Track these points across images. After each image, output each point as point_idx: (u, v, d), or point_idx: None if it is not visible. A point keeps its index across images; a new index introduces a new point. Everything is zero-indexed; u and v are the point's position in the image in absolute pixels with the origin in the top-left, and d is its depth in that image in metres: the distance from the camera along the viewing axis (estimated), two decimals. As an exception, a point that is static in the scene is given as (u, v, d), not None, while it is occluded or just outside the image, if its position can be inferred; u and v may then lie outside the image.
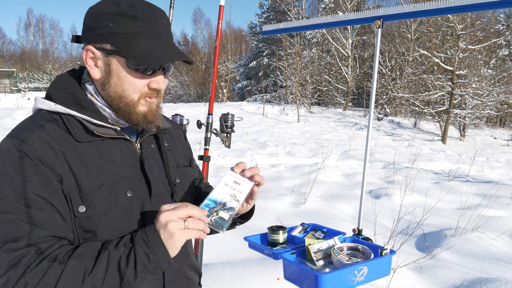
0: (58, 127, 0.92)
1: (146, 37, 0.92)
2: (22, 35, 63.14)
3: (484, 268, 3.55)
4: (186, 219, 0.86)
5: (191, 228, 0.86)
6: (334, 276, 1.15)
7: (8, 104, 19.97)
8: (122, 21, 0.90)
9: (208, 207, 0.97)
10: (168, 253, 0.85)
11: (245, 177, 1.05)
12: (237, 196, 1.03)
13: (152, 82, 0.95)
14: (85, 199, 0.90)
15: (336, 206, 5.20)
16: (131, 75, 0.93)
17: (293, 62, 25.53)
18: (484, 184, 7.31)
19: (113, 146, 0.97)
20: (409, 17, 2.29)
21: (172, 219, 0.84)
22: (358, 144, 12.78)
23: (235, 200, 1.02)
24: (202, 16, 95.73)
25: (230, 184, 1.04)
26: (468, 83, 18.70)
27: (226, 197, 1.01)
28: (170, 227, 0.84)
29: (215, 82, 2.60)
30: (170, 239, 0.84)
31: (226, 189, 1.02)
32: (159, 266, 0.85)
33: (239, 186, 1.04)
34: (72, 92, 0.96)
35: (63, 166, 0.88)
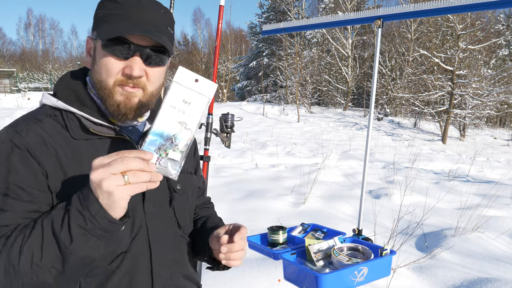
0: (57, 122, 0.92)
1: (123, 19, 0.89)
2: (22, 35, 63.20)
3: (484, 268, 3.55)
4: (125, 173, 0.72)
5: (134, 182, 0.73)
6: (334, 277, 1.15)
7: (8, 104, 19.97)
8: (106, 6, 0.92)
9: (154, 145, 0.77)
10: (104, 210, 0.74)
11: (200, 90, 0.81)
12: (188, 123, 0.80)
13: (126, 67, 0.90)
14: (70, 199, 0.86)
15: (336, 206, 5.20)
16: (106, 57, 0.90)
17: (293, 62, 25.53)
18: (484, 184, 7.31)
19: (111, 146, 0.95)
20: (409, 17, 2.29)
21: (105, 176, 0.72)
22: (358, 144, 12.78)
23: (186, 129, 0.80)
24: (202, 16, 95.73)
25: (178, 105, 0.79)
26: (468, 83, 18.70)
27: (175, 126, 0.78)
28: (105, 186, 0.71)
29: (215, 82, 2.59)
30: (108, 198, 0.73)
31: (173, 114, 0.78)
32: (97, 224, 0.75)
33: (189, 106, 0.80)
34: (75, 89, 0.96)
35: (52, 162, 0.87)
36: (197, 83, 0.80)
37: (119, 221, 0.78)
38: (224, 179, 6.58)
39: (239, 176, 6.92)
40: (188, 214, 1.13)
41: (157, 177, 0.76)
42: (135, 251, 0.95)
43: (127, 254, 0.94)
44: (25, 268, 0.77)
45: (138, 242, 0.96)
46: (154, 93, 0.96)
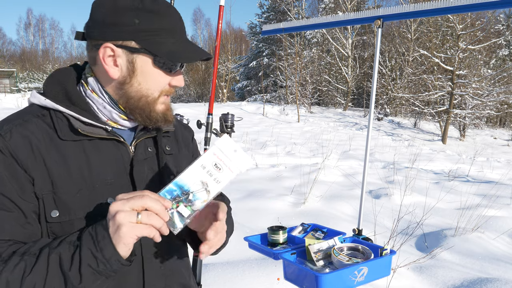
0: (44, 123, 0.86)
1: (170, 34, 0.89)
2: (22, 35, 63.22)
3: (484, 268, 3.55)
4: (140, 211, 0.73)
5: (145, 223, 0.73)
6: (334, 277, 1.15)
7: (8, 104, 19.97)
8: (147, 17, 0.86)
9: (171, 195, 0.77)
10: (116, 250, 0.73)
11: (233, 161, 0.82)
12: (210, 186, 0.80)
13: (173, 80, 0.93)
14: (60, 203, 0.83)
15: (336, 206, 5.20)
16: (156, 73, 0.89)
17: (293, 62, 25.54)
18: (484, 184, 7.31)
19: (102, 148, 0.89)
20: (409, 17, 2.29)
21: (123, 209, 0.72)
22: (358, 144, 12.78)
23: (206, 191, 0.80)
24: (202, 16, 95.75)
25: (208, 166, 0.80)
26: (468, 83, 18.71)
27: (197, 184, 0.79)
28: (118, 217, 0.71)
29: (215, 82, 2.59)
30: (116, 232, 0.72)
31: (200, 173, 0.79)
32: (109, 267, 0.74)
33: (219, 172, 0.81)
34: (65, 87, 0.90)
35: (39, 166, 0.82)
36: (235, 153, 0.82)
37: (127, 261, 0.77)
38: (224, 179, 6.57)
39: (239, 176, 6.91)
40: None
41: (166, 230, 0.76)
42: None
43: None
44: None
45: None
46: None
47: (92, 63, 0.92)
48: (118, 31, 0.86)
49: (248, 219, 4.44)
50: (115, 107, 0.92)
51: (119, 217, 0.71)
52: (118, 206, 0.73)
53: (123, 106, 0.92)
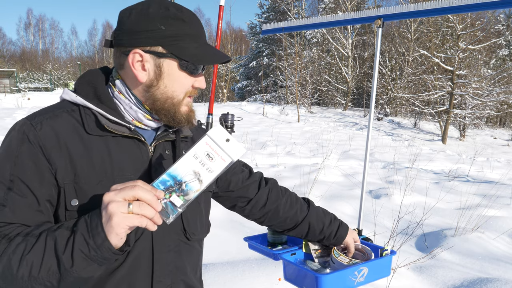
0: (73, 117, 0.93)
1: (193, 39, 0.95)
2: (22, 35, 63.21)
3: (484, 268, 3.54)
4: (132, 202, 0.74)
5: (136, 213, 0.74)
6: (335, 277, 1.15)
7: (8, 104, 19.97)
8: (173, 24, 0.92)
9: (164, 185, 0.78)
10: (107, 238, 0.75)
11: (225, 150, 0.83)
12: (203, 176, 0.81)
13: (196, 82, 0.99)
14: (80, 193, 0.88)
15: (336, 206, 5.20)
16: (182, 75, 0.96)
17: (293, 62, 25.54)
18: (484, 184, 7.31)
19: (124, 145, 0.95)
20: (409, 17, 2.29)
21: (115, 199, 0.74)
22: (358, 144, 12.78)
23: (198, 181, 0.80)
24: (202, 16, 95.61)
25: (200, 156, 0.81)
26: (468, 83, 18.71)
27: (189, 173, 0.80)
28: (110, 208, 0.74)
29: (215, 82, 2.59)
30: (108, 222, 0.74)
31: (192, 163, 0.80)
32: (100, 254, 0.76)
33: (212, 162, 0.81)
34: (95, 87, 0.97)
35: (63, 158, 0.88)
36: (227, 143, 0.82)
37: (119, 251, 0.79)
38: (224, 179, 6.58)
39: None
40: (200, 219, 1.10)
41: (159, 220, 0.77)
42: (137, 253, 0.94)
43: (129, 255, 0.93)
44: (23, 277, 0.77)
45: (141, 244, 0.95)
46: None
47: (119, 68, 0.98)
48: (146, 38, 0.92)
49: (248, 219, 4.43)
50: (141, 108, 0.98)
51: (111, 207, 0.74)
52: (111, 196, 0.75)
53: (149, 107, 0.97)
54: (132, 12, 0.93)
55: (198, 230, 1.08)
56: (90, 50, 62.82)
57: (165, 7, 0.93)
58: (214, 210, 5.16)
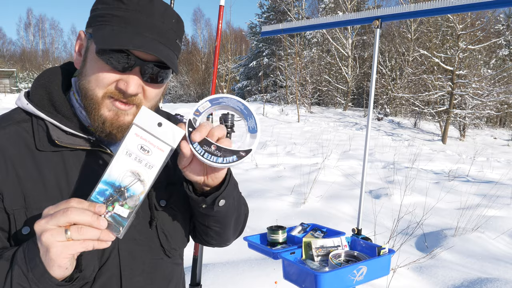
0: (24, 130, 0.79)
1: (121, 22, 0.76)
2: (22, 35, 63.21)
3: (484, 268, 3.55)
4: (68, 227, 0.62)
5: (76, 239, 0.62)
6: (334, 276, 1.15)
7: (8, 104, 19.97)
8: (109, 3, 0.77)
9: (104, 196, 0.65)
10: (46, 271, 0.64)
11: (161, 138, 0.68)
12: (143, 175, 0.67)
13: (121, 81, 0.76)
14: (32, 220, 0.73)
15: (336, 206, 5.20)
16: (98, 64, 0.76)
17: (293, 62, 25.55)
18: (484, 184, 7.31)
19: (84, 159, 0.81)
20: (408, 17, 2.29)
21: (47, 228, 0.61)
22: (358, 144, 12.78)
23: (140, 182, 0.67)
24: (202, 16, 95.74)
25: (134, 152, 0.67)
26: (468, 83, 18.71)
27: (127, 176, 0.67)
28: (44, 239, 0.61)
29: (215, 82, 2.60)
30: (47, 254, 0.62)
31: (127, 162, 0.67)
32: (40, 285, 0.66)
33: (148, 155, 0.67)
34: (50, 91, 0.82)
35: (10, 180, 0.75)
36: (161, 127, 0.68)
37: (67, 282, 0.68)
38: (224, 179, 6.58)
39: (239, 176, 6.92)
40: (181, 231, 0.94)
41: (108, 237, 0.64)
42: (103, 280, 0.81)
43: (94, 284, 0.80)
44: None
45: (108, 270, 0.81)
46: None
47: None
48: (89, 17, 0.81)
49: (248, 219, 4.44)
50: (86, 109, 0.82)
51: (45, 239, 0.61)
52: (42, 225, 0.62)
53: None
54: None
55: (179, 244, 0.94)
56: (90, 50, 62.58)
57: None
58: (214, 210, 5.04)
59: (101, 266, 0.81)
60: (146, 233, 0.87)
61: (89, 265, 0.79)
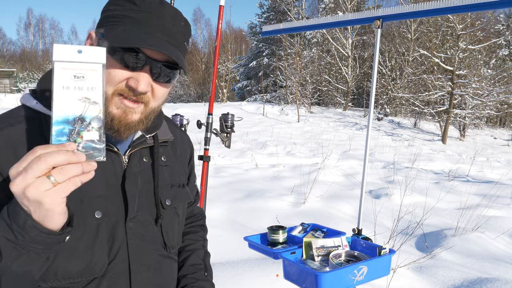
0: (33, 128, 0.80)
1: (134, 23, 0.79)
2: (22, 35, 63.17)
3: (484, 268, 3.55)
4: (48, 173, 0.61)
5: (63, 180, 0.61)
6: (334, 275, 1.15)
7: (8, 104, 19.97)
8: (121, 4, 0.80)
9: (64, 135, 0.65)
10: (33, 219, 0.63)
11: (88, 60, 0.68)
12: (91, 97, 0.68)
13: (131, 79, 0.79)
14: None
15: (336, 206, 5.20)
16: (110, 63, 0.78)
17: (293, 62, 25.55)
18: (484, 184, 7.31)
19: None
20: (409, 17, 2.29)
21: (27, 183, 0.60)
22: (358, 144, 12.78)
23: (92, 104, 0.67)
24: (202, 16, 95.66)
25: (70, 84, 0.67)
26: (468, 83, 18.71)
27: (77, 105, 0.66)
28: (30, 194, 0.60)
29: (215, 82, 2.60)
30: (39, 209, 0.62)
31: (69, 95, 0.66)
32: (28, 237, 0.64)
33: (85, 80, 0.68)
34: None
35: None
36: (82, 53, 0.68)
37: (59, 231, 0.67)
38: (224, 179, 6.59)
39: (239, 176, 6.92)
40: (178, 231, 1.01)
41: (89, 166, 0.64)
42: (112, 276, 0.84)
43: (103, 279, 0.83)
44: None
45: (117, 265, 0.85)
46: (156, 110, 0.87)
47: None
48: (100, 18, 0.84)
49: (248, 219, 4.44)
50: None
51: (31, 193, 0.60)
52: (19, 182, 0.60)
53: None
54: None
55: (175, 242, 1.00)
56: (90, 50, 62.65)
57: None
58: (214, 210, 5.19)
59: (110, 261, 0.84)
60: (152, 230, 0.92)
61: (99, 261, 0.81)
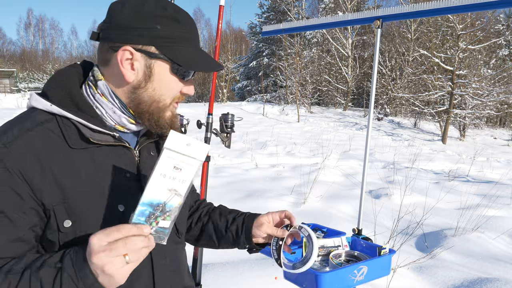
0: (50, 131, 0.83)
1: (188, 43, 0.91)
2: (22, 35, 63.19)
3: (484, 268, 3.55)
4: (126, 254, 0.71)
5: (134, 261, 0.72)
6: (334, 276, 1.15)
7: (8, 104, 19.98)
8: (168, 24, 0.87)
9: (144, 216, 0.74)
10: (100, 284, 0.72)
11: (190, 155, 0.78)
12: (179, 189, 0.77)
13: (185, 88, 0.95)
14: (71, 213, 0.82)
15: (336, 206, 5.20)
16: (172, 79, 0.91)
17: (293, 62, 25.54)
18: (484, 184, 7.31)
19: (110, 154, 0.89)
20: (409, 17, 2.29)
21: (109, 260, 0.70)
22: (358, 144, 12.78)
23: (176, 195, 0.77)
24: (202, 16, 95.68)
25: (168, 173, 0.76)
26: (468, 83, 18.70)
27: (164, 193, 0.76)
28: (107, 270, 0.69)
29: (215, 82, 2.60)
30: (109, 281, 0.71)
31: (163, 182, 0.75)
32: None
33: (181, 172, 0.77)
34: (71, 92, 0.87)
35: (48, 178, 0.80)
36: (189, 147, 0.77)
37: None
38: (224, 179, 6.59)
39: (239, 176, 6.92)
40: (185, 218, 1.11)
41: (152, 245, 0.75)
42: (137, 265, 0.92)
43: None
44: None
45: None
46: None
47: (104, 64, 0.90)
48: (139, 35, 0.85)
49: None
50: (126, 112, 0.92)
51: (108, 269, 0.69)
52: (103, 258, 0.69)
53: (133, 109, 0.92)
54: (125, 6, 0.86)
55: (184, 228, 1.10)
56: (90, 50, 62.87)
57: (162, 6, 0.87)
58: (214, 210, 5.00)
59: None
60: None
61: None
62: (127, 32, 0.85)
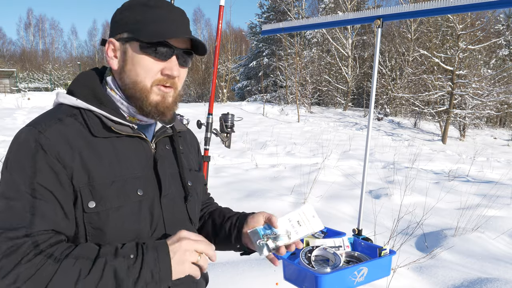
0: (77, 121, 0.94)
1: (158, 21, 0.95)
2: (22, 35, 63.20)
3: (484, 268, 3.55)
4: (200, 254, 0.89)
5: (201, 265, 0.90)
6: (334, 277, 1.15)
7: (8, 104, 19.96)
8: (139, 9, 0.95)
9: (264, 232, 1.06)
10: (171, 275, 0.86)
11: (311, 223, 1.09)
12: (292, 235, 1.07)
13: (165, 68, 0.96)
14: (96, 195, 0.90)
15: (336, 206, 5.20)
16: (144, 58, 0.94)
17: (293, 62, 25.54)
18: (484, 184, 7.31)
19: (129, 144, 0.98)
20: (409, 17, 2.29)
21: (192, 249, 0.88)
22: (358, 144, 12.78)
23: (287, 237, 1.06)
24: (202, 16, 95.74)
25: (293, 221, 1.08)
26: (468, 83, 18.70)
27: (282, 230, 1.06)
28: (187, 256, 0.87)
29: (215, 82, 2.59)
30: (179, 265, 0.87)
31: (286, 224, 1.07)
32: (159, 285, 0.86)
33: (299, 227, 1.08)
34: (93, 88, 0.98)
35: (76, 161, 0.89)
36: (313, 218, 1.11)
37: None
38: (224, 179, 6.58)
39: (239, 176, 6.92)
40: (198, 209, 1.17)
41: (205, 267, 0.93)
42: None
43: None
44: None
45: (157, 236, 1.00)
46: (180, 93, 1.03)
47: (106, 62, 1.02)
48: (117, 26, 0.98)
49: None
50: (128, 101, 0.99)
51: (187, 256, 0.87)
52: (190, 245, 0.89)
53: (127, 97, 0.99)
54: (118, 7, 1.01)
55: (197, 218, 1.17)
56: (90, 50, 62.87)
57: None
58: (214, 210, 4.99)
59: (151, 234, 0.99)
60: (180, 207, 1.07)
61: (143, 232, 0.97)
62: (112, 27, 0.99)
